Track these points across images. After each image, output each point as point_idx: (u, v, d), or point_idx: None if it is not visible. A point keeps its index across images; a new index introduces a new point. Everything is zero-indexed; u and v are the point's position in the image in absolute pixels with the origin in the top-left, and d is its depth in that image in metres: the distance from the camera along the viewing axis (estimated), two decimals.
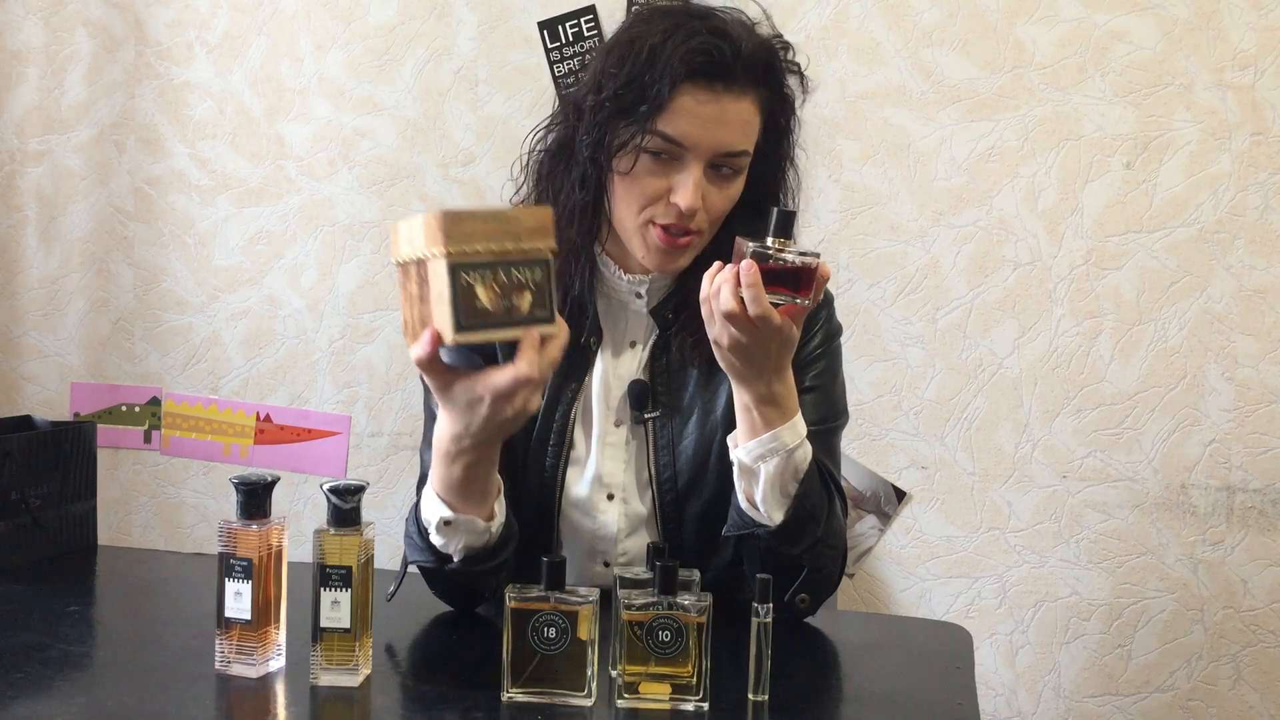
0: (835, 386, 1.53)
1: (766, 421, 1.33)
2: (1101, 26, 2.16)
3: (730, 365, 1.31)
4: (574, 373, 1.50)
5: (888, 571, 2.30)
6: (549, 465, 1.49)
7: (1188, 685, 2.21)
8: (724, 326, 1.27)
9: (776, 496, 1.35)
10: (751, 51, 1.38)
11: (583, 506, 1.49)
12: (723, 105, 1.37)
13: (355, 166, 2.42)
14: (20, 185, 2.55)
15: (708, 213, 1.40)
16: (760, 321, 1.25)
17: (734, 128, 1.38)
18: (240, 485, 1.19)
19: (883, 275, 2.26)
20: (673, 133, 1.37)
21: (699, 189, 1.37)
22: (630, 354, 1.52)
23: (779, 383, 1.32)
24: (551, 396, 1.49)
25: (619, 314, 1.53)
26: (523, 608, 1.14)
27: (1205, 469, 2.18)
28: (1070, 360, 2.21)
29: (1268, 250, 2.14)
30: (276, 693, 1.18)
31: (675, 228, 1.40)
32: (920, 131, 2.23)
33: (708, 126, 1.37)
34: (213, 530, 1.35)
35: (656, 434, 1.48)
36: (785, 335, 1.28)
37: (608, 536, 1.49)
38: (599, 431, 1.50)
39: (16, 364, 2.59)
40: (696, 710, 1.15)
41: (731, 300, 1.25)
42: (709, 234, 1.43)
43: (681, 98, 1.36)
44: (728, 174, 1.40)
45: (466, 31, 2.36)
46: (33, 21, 2.53)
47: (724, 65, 1.36)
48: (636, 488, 1.49)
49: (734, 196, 1.42)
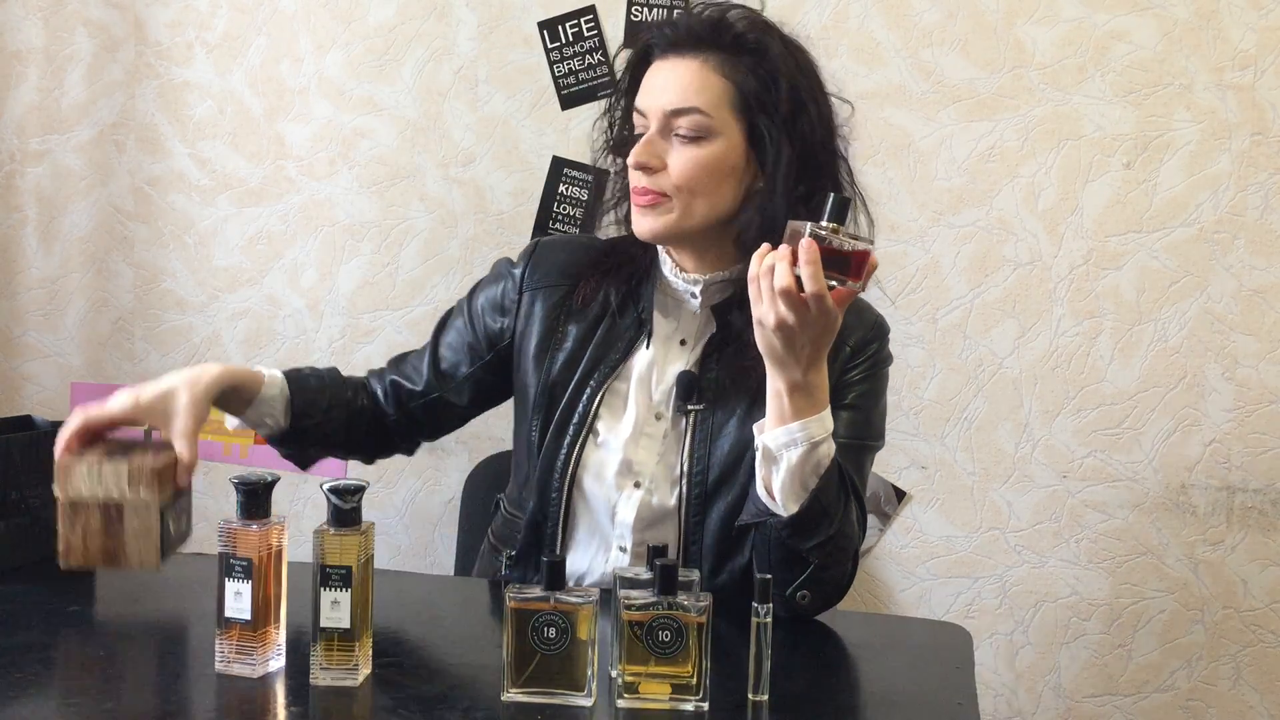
0: (876, 410, 1.54)
1: (796, 410, 1.34)
2: (1101, 26, 2.16)
3: (770, 347, 1.32)
4: (610, 356, 1.53)
5: (888, 571, 2.30)
6: (566, 444, 1.51)
7: (1188, 685, 2.21)
8: (773, 304, 1.28)
9: (795, 488, 1.35)
10: (694, 20, 1.48)
11: (606, 489, 1.51)
12: (672, 69, 1.47)
13: (355, 166, 2.42)
14: (20, 185, 2.55)
15: (673, 175, 1.45)
16: (814, 300, 1.26)
17: (679, 87, 1.46)
18: (240, 485, 1.20)
19: (883, 275, 2.25)
20: (637, 104, 1.50)
21: (648, 144, 1.46)
22: (679, 350, 1.54)
23: (814, 372, 1.33)
24: (582, 375, 1.53)
25: (673, 311, 1.55)
26: (523, 608, 1.14)
27: (1205, 469, 2.18)
28: (1070, 360, 2.21)
29: (1268, 250, 2.14)
30: (276, 693, 1.18)
31: (638, 189, 1.47)
32: (920, 131, 2.23)
33: (655, 91, 1.47)
34: (213, 530, 1.34)
35: (697, 427, 1.49)
36: (831, 319, 1.29)
37: (626, 522, 1.50)
38: (637, 420, 1.51)
39: (16, 364, 2.59)
40: (696, 710, 1.15)
41: (788, 276, 1.26)
42: (683, 200, 1.46)
43: (645, 78, 1.50)
44: (687, 136, 1.45)
45: (466, 31, 2.36)
46: (33, 21, 2.53)
47: (669, 38, 1.48)
48: (666, 481, 1.50)
49: (702, 160, 1.45)
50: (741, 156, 1.47)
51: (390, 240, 2.42)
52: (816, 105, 1.49)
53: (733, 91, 1.45)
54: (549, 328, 1.57)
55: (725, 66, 1.45)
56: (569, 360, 1.55)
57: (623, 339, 1.54)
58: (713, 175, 1.45)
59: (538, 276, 1.60)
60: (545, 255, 1.62)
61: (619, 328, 1.54)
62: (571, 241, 1.67)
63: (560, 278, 1.59)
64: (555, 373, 1.55)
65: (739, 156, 1.46)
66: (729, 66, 1.45)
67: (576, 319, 1.56)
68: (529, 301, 1.59)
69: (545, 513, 1.52)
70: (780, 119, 1.46)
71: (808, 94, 1.48)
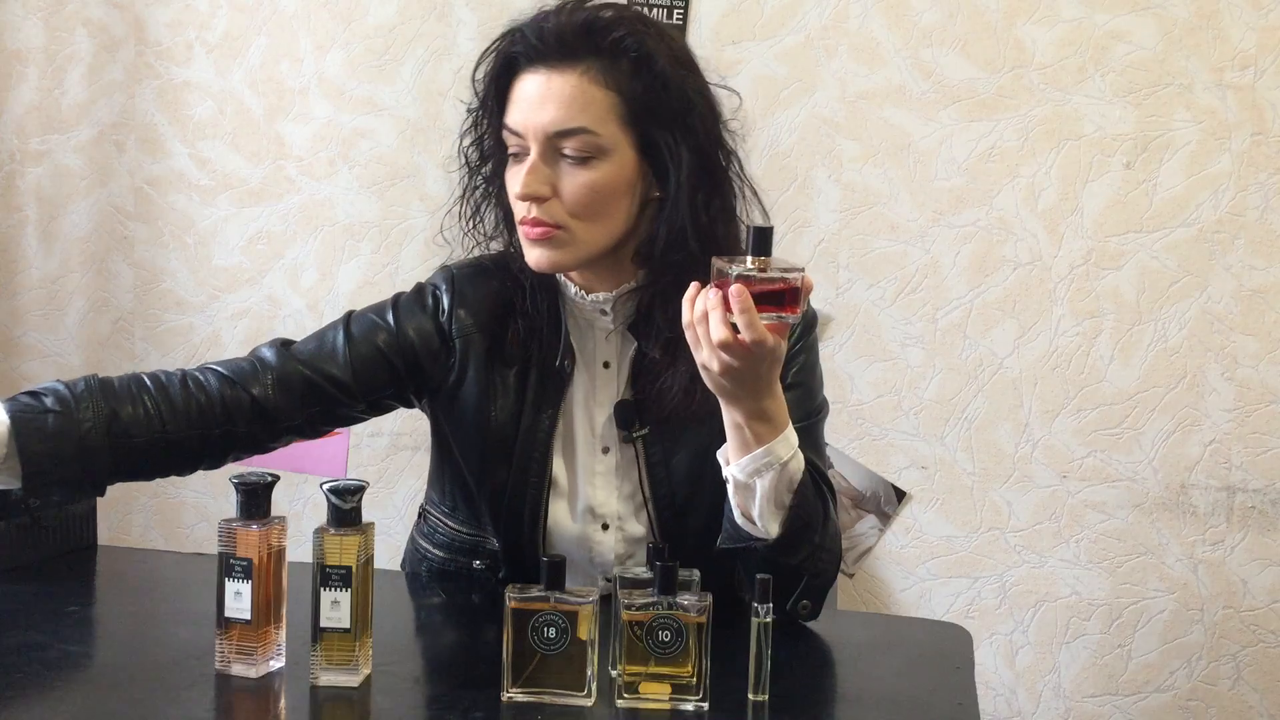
0: (814, 380, 1.49)
1: (758, 437, 1.30)
2: (1101, 26, 2.16)
3: (719, 387, 1.27)
4: (550, 398, 1.46)
5: (888, 571, 2.30)
6: (530, 499, 1.45)
7: (1188, 685, 2.21)
8: (714, 354, 1.23)
9: (772, 509, 1.33)
10: (563, 24, 1.35)
11: (576, 539, 1.46)
12: (548, 84, 1.34)
13: (355, 166, 2.42)
14: (20, 185, 2.55)
15: (564, 203, 1.35)
16: (755, 346, 1.21)
17: (560, 105, 1.34)
18: (240, 485, 1.19)
19: (883, 275, 2.25)
20: (509, 122, 1.37)
21: (533, 172, 1.34)
22: (606, 375, 1.47)
23: (770, 398, 1.29)
24: (529, 426, 1.45)
25: (587, 334, 1.48)
26: (523, 608, 1.14)
27: (1205, 469, 2.18)
28: (1070, 360, 2.21)
29: (1268, 250, 2.14)
30: (276, 693, 1.18)
31: (528, 220, 1.36)
32: (920, 131, 2.23)
33: (532, 108, 1.35)
34: (213, 530, 1.34)
35: (648, 451, 1.44)
36: (777, 352, 1.25)
37: (606, 564, 1.47)
38: (585, 461, 1.46)
39: (16, 364, 2.59)
40: (696, 710, 1.15)
41: (723, 329, 1.21)
42: (580, 228, 1.37)
43: (513, 90, 1.37)
44: (575, 158, 1.34)
45: (466, 31, 2.36)
46: (33, 21, 2.53)
47: (535, 47, 1.35)
48: (631, 512, 1.46)
49: (597, 185, 1.35)
50: (635, 170, 1.37)
51: (390, 240, 2.42)
52: (703, 98, 1.40)
53: (618, 103, 1.35)
54: (485, 381, 1.46)
55: (606, 76, 1.34)
56: (511, 413, 1.46)
57: (554, 378, 1.46)
58: (608, 197, 1.36)
59: (464, 320, 1.47)
60: (465, 292, 1.48)
61: (549, 366, 1.46)
62: (484, 269, 1.50)
63: (488, 318, 1.47)
64: (499, 426, 1.46)
65: (632, 171, 1.37)
66: (610, 75, 1.34)
67: (507, 366, 1.47)
68: (462, 348, 1.47)
69: (520, 555, 1.47)
70: (673, 124, 1.37)
71: (694, 90, 1.39)
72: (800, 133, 2.25)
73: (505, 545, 1.48)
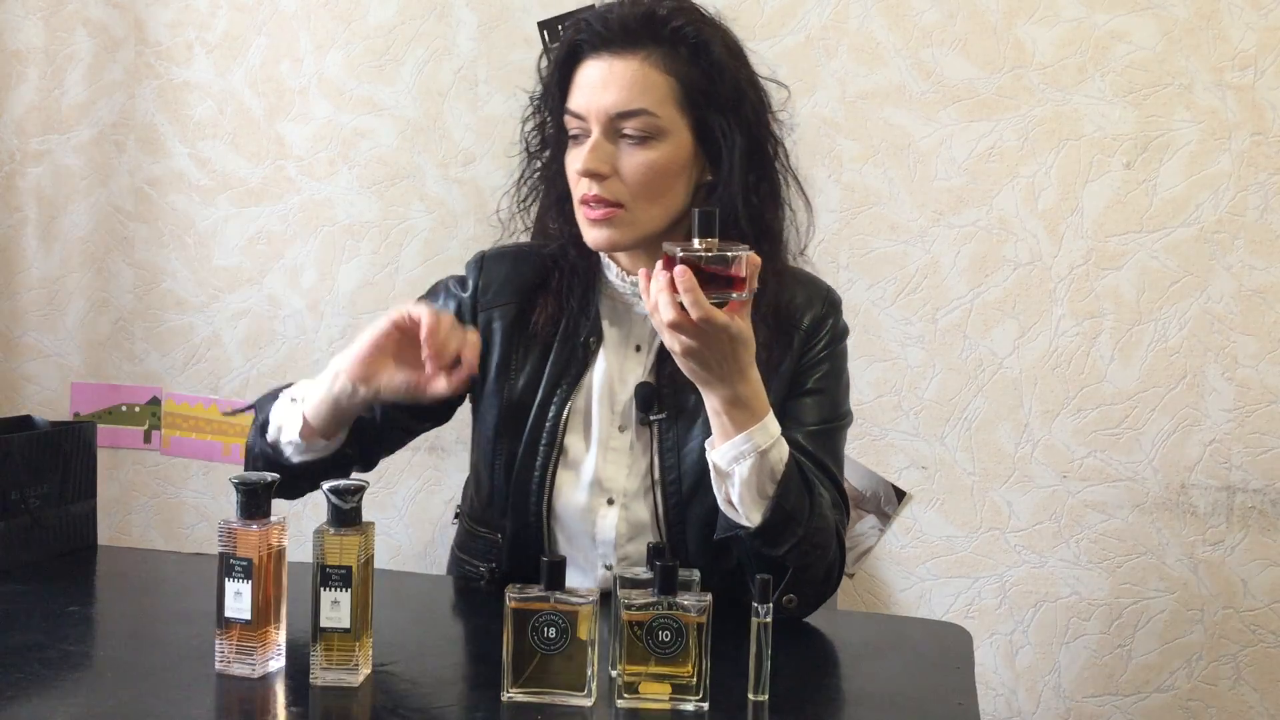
0: (840, 388, 1.53)
1: (737, 424, 1.33)
2: (1101, 26, 2.16)
3: (691, 371, 1.31)
4: (569, 373, 1.50)
5: (888, 571, 2.30)
6: (539, 467, 1.48)
7: (1188, 685, 2.21)
8: (673, 336, 1.27)
9: (754, 498, 1.34)
10: (625, 14, 1.43)
11: (580, 511, 1.49)
12: (610, 69, 1.42)
13: (355, 166, 2.42)
14: (20, 185, 2.55)
15: (624, 181, 1.42)
16: (705, 324, 1.25)
17: (621, 87, 1.41)
18: (240, 485, 1.19)
19: (883, 275, 2.26)
20: (571, 106, 1.44)
21: (595, 151, 1.41)
22: (635, 358, 1.51)
23: (743, 384, 1.32)
24: (544, 396, 1.50)
25: (623, 316, 1.52)
26: (523, 608, 1.14)
27: (1205, 469, 2.18)
28: (1070, 360, 2.21)
29: (1268, 250, 2.14)
30: (276, 693, 1.18)
31: (590, 199, 1.43)
32: (920, 131, 2.23)
33: (595, 91, 1.42)
34: (213, 530, 1.35)
35: (662, 436, 1.47)
36: (735, 332, 1.27)
37: (607, 541, 1.48)
38: (600, 436, 1.49)
39: (16, 364, 2.59)
40: (696, 710, 1.15)
41: (671, 310, 1.25)
42: (639, 207, 1.43)
43: (577, 76, 1.45)
44: (635, 138, 1.42)
45: (466, 31, 2.36)
46: (33, 21, 2.53)
47: (600, 34, 1.43)
48: (639, 492, 1.48)
49: (656, 164, 1.42)
50: (690, 153, 1.44)
51: (390, 240, 2.42)
52: (754, 87, 1.47)
53: (676, 88, 1.42)
54: (506, 351, 1.52)
55: (666, 62, 1.42)
56: (529, 383, 1.51)
57: (578, 355, 1.51)
58: (665, 177, 1.43)
59: (490, 295, 1.55)
60: (493, 270, 1.56)
61: (573, 343, 1.51)
62: (517, 253, 1.58)
63: (512, 294, 1.54)
64: (516, 396, 1.51)
65: (688, 153, 1.44)
66: (669, 61, 1.42)
67: (532, 340, 1.52)
68: (484, 323, 1.53)
69: (525, 538, 1.50)
70: (727, 110, 1.44)
71: (745, 79, 1.46)
72: (800, 132, 2.25)
73: (513, 520, 1.50)
